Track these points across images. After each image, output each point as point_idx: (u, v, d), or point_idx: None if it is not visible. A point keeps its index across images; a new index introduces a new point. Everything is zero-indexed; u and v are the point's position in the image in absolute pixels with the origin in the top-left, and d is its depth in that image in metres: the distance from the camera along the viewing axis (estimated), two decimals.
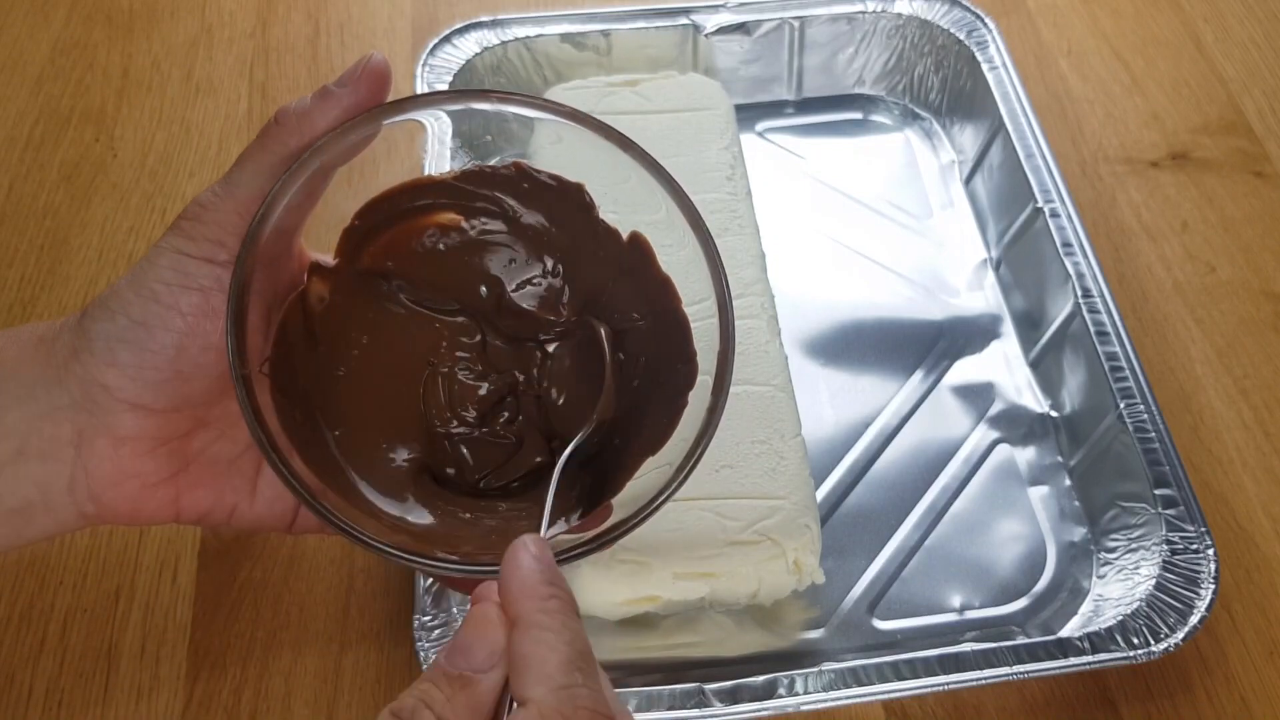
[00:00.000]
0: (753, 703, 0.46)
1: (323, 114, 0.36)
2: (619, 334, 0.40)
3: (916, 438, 0.58)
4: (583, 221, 0.41)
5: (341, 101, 0.37)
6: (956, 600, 0.53)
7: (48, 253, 0.64)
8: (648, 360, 0.39)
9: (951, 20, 0.69)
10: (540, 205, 0.41)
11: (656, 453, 0.37)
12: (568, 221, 0.41)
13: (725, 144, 0.62)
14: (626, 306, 0.40)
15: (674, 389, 0.38)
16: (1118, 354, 0.55)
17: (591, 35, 0.68)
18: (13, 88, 0.71)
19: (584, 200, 0.40)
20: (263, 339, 0.36)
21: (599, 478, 0.38)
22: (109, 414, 0.37)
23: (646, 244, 0.40)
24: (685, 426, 0.37)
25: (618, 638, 0.51)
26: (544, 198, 0.41)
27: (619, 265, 0.40)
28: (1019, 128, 0.64)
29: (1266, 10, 0.76)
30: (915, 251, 0.66)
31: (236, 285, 0.34)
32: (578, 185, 0.40)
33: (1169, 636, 0.48)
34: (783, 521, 0.50)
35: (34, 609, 0.51)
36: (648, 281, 0.40)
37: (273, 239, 0.36)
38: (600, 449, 0.38)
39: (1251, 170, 0.68)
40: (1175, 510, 0.51)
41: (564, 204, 0.41)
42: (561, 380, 0.40)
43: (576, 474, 0.38)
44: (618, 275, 0.40)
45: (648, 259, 0.40)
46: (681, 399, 0.37)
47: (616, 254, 0.40)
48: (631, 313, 0.40)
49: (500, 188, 0.41)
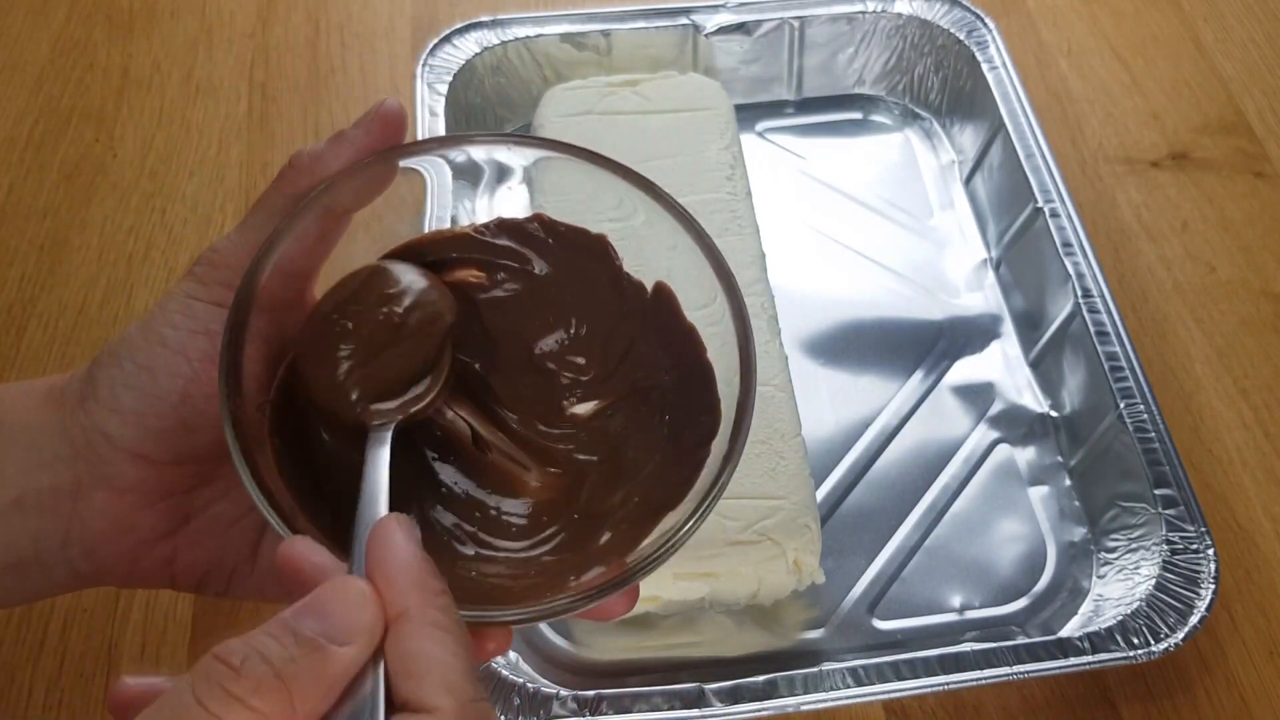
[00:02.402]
0: (753, 703, 0.46)
1: (335, 157, 0.36)
2: (644, 391, 0.39)
3: (916, 438, 0.58)
4: (606, 274, 0.40)
5: (355, 143, 0.36)
6: (957, 600, 0.53)
7: (48, 252, 0.64)
8: (671, 416, 0.38)
9: (951, 20, 0.69)
10: (563, 260, 0.40)
11: (675, 508, 0.35)
12: (592, 276, 0.40)
13: (725, 144, 0.62)
14: (653, 362, 0.39)
15: (695, 440, 0.36)
16: (1118, 354, 0.55)
17: (591, 35, 0.68)
18: (13, 87, 0.71)
19: (607, 253, 0.39)
20: (264, 386, 0.35)
21: (615, 535, 0.36)
22: (109, 464, 0.35)
23: (671, 294, 0.39)
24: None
25: (618, 638, 0.51)
26: (567, 252, 0.40)
27: (645, 320, 0.39)
28: (1019, 128, 0.64)
29: (1266, 10, 0.76)
30: (915, 251, 0.66)
31: (232, 316, 0.33)
32: (600, 237, 0.39)
33: (1169, 636, 0.48)
34: (783, 521, 0.50)
35: (34, 609, 0.51)
36: (673, 333, 0.39)
37: (279, 281, 0.35)
38: (618, 507, 0.37)
39: (1251, 170, 0.68)
40: (1175, 510, 0.51)
41: (587, 258, 0.40)
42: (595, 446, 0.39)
43: (591, 531, 0.37)
44: (644, 331, 0.39)
45: (673, 310, 0.39)
46: (703, 451, 0.36)
47: (642, 308, 0.39)
48: (658, 368, 0.39)
49: (523, 242, 0.40)
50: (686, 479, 0.35)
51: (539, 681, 0.48)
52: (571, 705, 0.46)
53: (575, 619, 0.39)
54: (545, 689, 0.47)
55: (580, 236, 0.40)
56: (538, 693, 0.47)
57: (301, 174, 0.36)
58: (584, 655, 0.51)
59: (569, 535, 0.37)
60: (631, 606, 0.37)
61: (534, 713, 0.46)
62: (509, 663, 0.49)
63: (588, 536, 0.36)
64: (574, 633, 0.52)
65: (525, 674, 0.49)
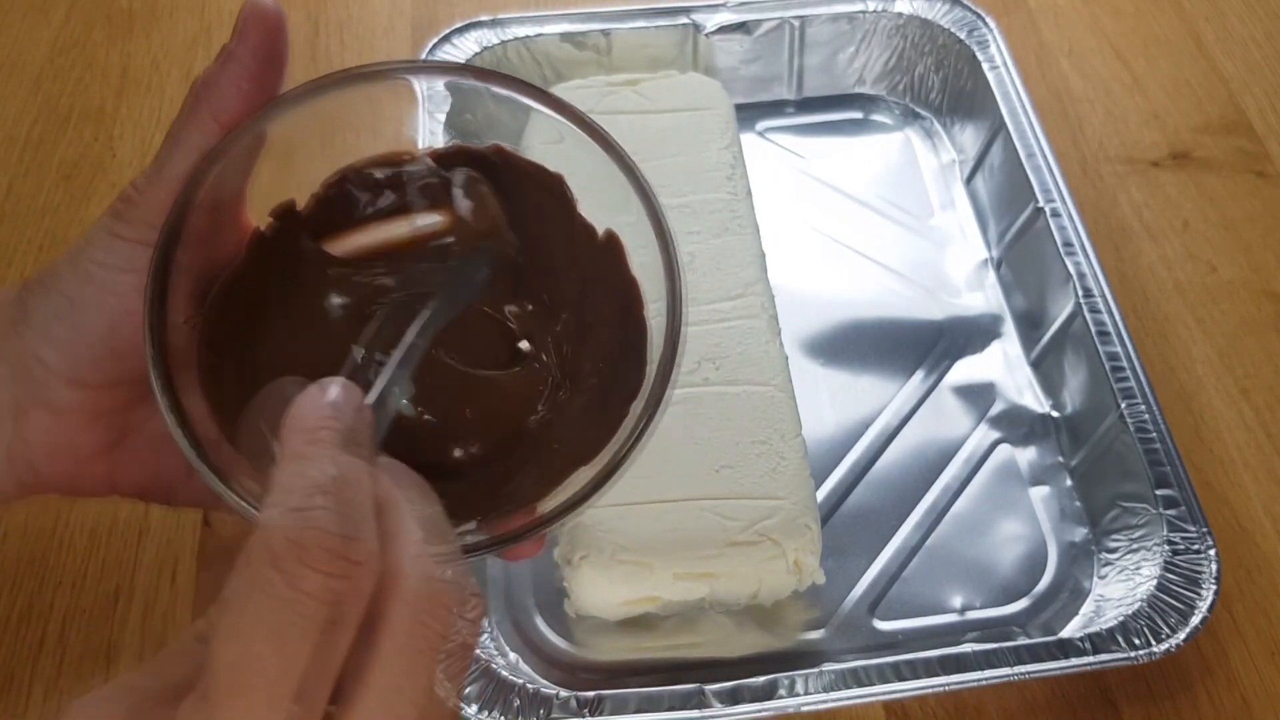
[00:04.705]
0: (753, 703, 0.46)
1: (228, 77, 0.35)
2: (581, 339, 0.38)
3: (917, 438, 0.58)
4: (561, 216, 0.39)
5: (238, 57, 0.35)
6: (957, 601, 0.53)
7: (47, 252, 0.63)
8: (604, 368, 0.38)
9: (952, 20, 0.69)
10: (517, 193, 0.39)
11: (590, 462, 0.35)
12: (545, 214, 0.39)
13: (725, 144, 0.62)
14: (595, 311, 0.39)
15: (620, 397, 0.36)
16: (1119, 354, 0.55)
17: (591, 35, 0.68)
18: (12, 87, 0.71)
19: (564, 193, 0.39)
20: (194, 305, 0.35)
21: (527, 481, 0.36)
22: (45, 387, 0.37)
23: (619, 244, 0.38)
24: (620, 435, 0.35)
25: (618, 638, 0.51)
26: (522, 186, 0.39)
27: (593, 266, 0.39)
28: (1020, 127, 0.64)
29: (1267, 9, 0.76)
30: (916, 251, 0.66)
31: (158, 254, 0.33)
32: (558, 177, 0.39)
33: (1170, 637, 0.47)
34: (783, 522, 0.49)
35: (33, 609, 0.51)
36: (617, 283, 0.38)
37: (205, 216, 0.35)
38: (534, 452, 0.37)
39: (1253, 170, 0.68)
40: (1176, 510, 0.51)
41: (542, 195, 0.39)
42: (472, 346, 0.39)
43: (503, 475, 0.37)
44: (591, 276, 0.39)
45: (619, 260, 0.38)
46: (625, 408, 0.35)
47: (590, 254, 0.39)
48: (599, 319, 0.39)
49: (480, 172, 0.39)
50: (606, 435, 0.35)
51: (539, 682, 0.48)
52: (571, 705, 0.46)
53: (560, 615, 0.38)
54: (545, 689, 0.47)
55: (538, 173, 0.39)
56: (538, 693, 0.47)
57: (203, 102, 0.35)
58: (584, 655, 0.51)
59: (483, 474, 0.37)
60: (537, 551, 0.37)
61: (534, 713, 0.46)
62: (509, 663, 0.49)
63: (503, 478, 0.36)
64: (574, 633, 0.52)
65: (525, 674, 0.49)
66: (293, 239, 0.38)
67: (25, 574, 0.52)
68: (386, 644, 0.26)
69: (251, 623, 0.25)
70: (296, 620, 0.25)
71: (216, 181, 0.35)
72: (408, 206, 0.39)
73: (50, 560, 0.53)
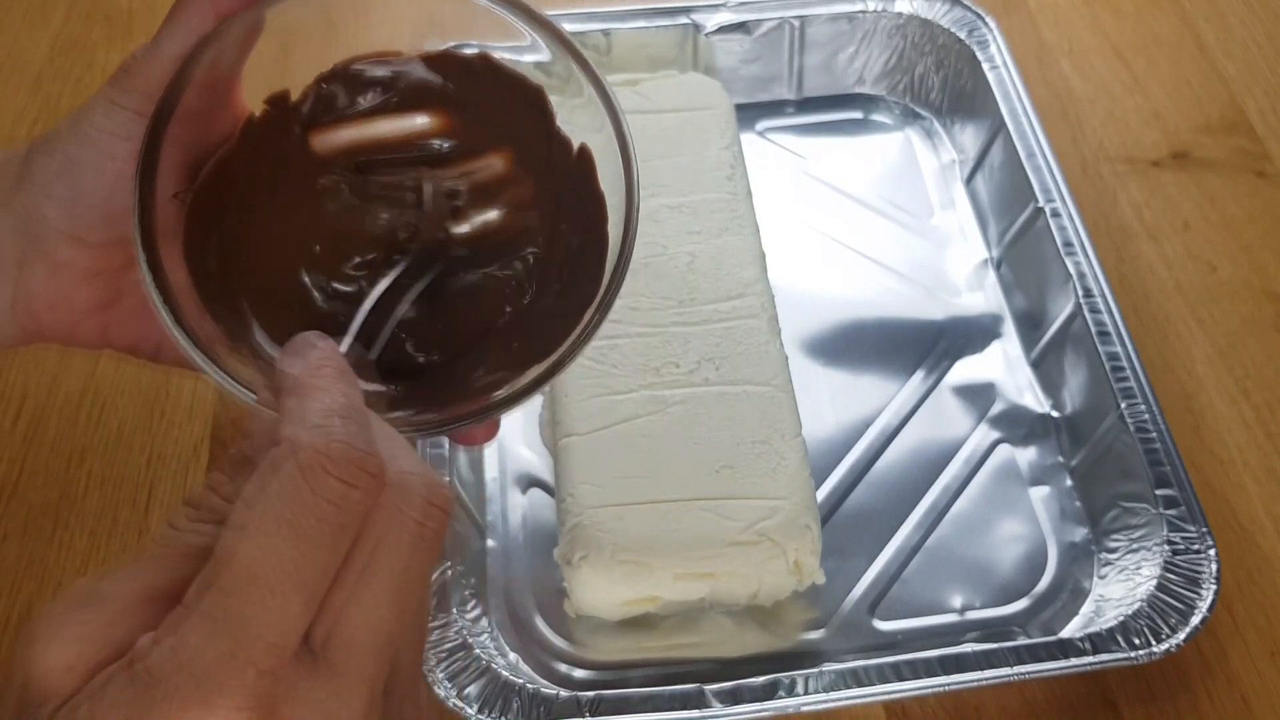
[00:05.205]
0: (753, 704, 0.46)
1: None
2: (551, 247, 0.40)
3: (917, 438, 0.58)
4: (538, 126, 0.40)
5: None
6: (957, 601, 0.53)
7: None
8: (567, 274, 0.39)
9: (952, 19, 0.69)
10: (499, 100, 0.41)
11: (541, 363, 0.37)
12: (523, 123, 0.41)
13: (725, 144, 0.62)
14: (568, 218, 0.40)
15: (577, 304, 0.38)
16: (1119, 354, 0.55)
17: (591, 35, 0.68)
18: (11, 87, 0.71)
19: (544, 105, 0.40)
20: (184, 181, 0.37)
21: (488, 376, 0.38)
22: (46, 241, 0.39)
23: (591, 159, 0.40)
24: None
25: (618, 638, 0.51)
26: (505, 93, 0.41)
27: (568, 178, 0.40)
28: (1020, 127, 0.64)
29: (1268, 9, 0.76)
30: (916, 251, 0.66)
31: (151, 125, 0.35)
32: (539, 88, 0.40)
33: (1170, 637, 0.47)
34: (783, 522, 0.49)
35: (34, 609, 0.51)
36: (586, 196, 0.40)
37: (198, 93, 0.36)
38: (494, 348, 0.39)
39: (1253, 170, 0.68)
40: (1176, 510, 0.51)
41: (524, 105, 0.40)
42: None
43: (465, 370, 0.38)
44: (564, 188, 0.40)
45: (590, 174, 0.40)
46: (581, 314, 0.37)
47: (565, 166, 0.40)
48: (570, 225, 0.40)
49: (466, 77, 0.41)
50: (561, 337, 0.37)
51: (539, 682, 0.48)
52: (572, 706, 0.46)
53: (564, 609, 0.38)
54: (545, 689, 0.47)
55: (520, 84, 0.40)
56: (538, 693, 0.47)
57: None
58: (584, 656, 0.51)
59: (448, 370, 0.38)
60: (489, 437, 0.42)
61: (534, 713, 0.46)
62: (509, 663, 0.49)
63: (465, 374, 0.38)
64: (574, 633, 0.52)
65: (525, 674, 0.49)
66: (284, 128, 0.39)
67: (26, 574, 0.52)
68: (371, 535, 0.29)
69: (275, 522, 0.27)
70: (316, 524, 0.27)
71: (212, 61, 0.37)
72: (398, 106, 0.40)
73: (50, 561, 0.53)
